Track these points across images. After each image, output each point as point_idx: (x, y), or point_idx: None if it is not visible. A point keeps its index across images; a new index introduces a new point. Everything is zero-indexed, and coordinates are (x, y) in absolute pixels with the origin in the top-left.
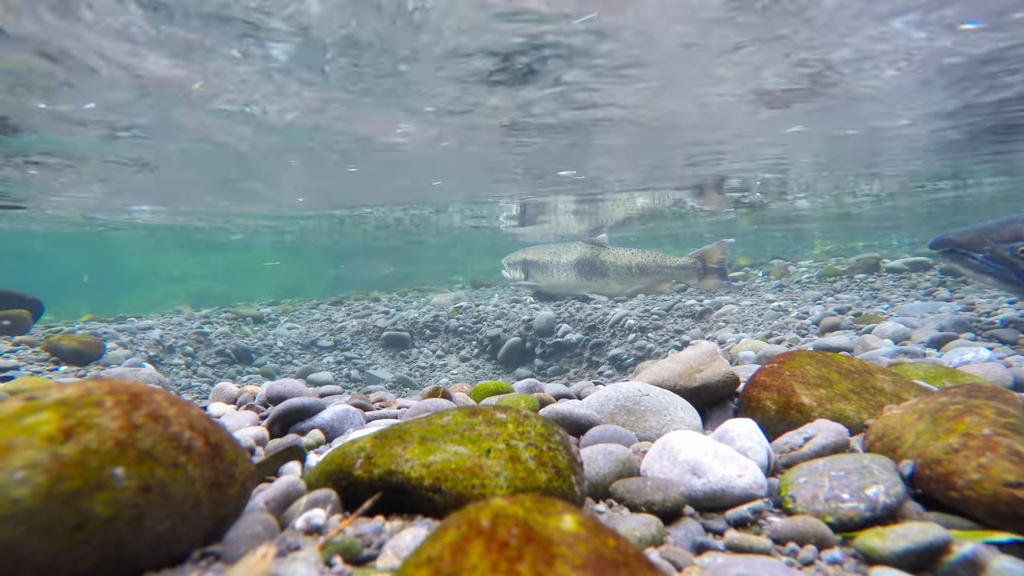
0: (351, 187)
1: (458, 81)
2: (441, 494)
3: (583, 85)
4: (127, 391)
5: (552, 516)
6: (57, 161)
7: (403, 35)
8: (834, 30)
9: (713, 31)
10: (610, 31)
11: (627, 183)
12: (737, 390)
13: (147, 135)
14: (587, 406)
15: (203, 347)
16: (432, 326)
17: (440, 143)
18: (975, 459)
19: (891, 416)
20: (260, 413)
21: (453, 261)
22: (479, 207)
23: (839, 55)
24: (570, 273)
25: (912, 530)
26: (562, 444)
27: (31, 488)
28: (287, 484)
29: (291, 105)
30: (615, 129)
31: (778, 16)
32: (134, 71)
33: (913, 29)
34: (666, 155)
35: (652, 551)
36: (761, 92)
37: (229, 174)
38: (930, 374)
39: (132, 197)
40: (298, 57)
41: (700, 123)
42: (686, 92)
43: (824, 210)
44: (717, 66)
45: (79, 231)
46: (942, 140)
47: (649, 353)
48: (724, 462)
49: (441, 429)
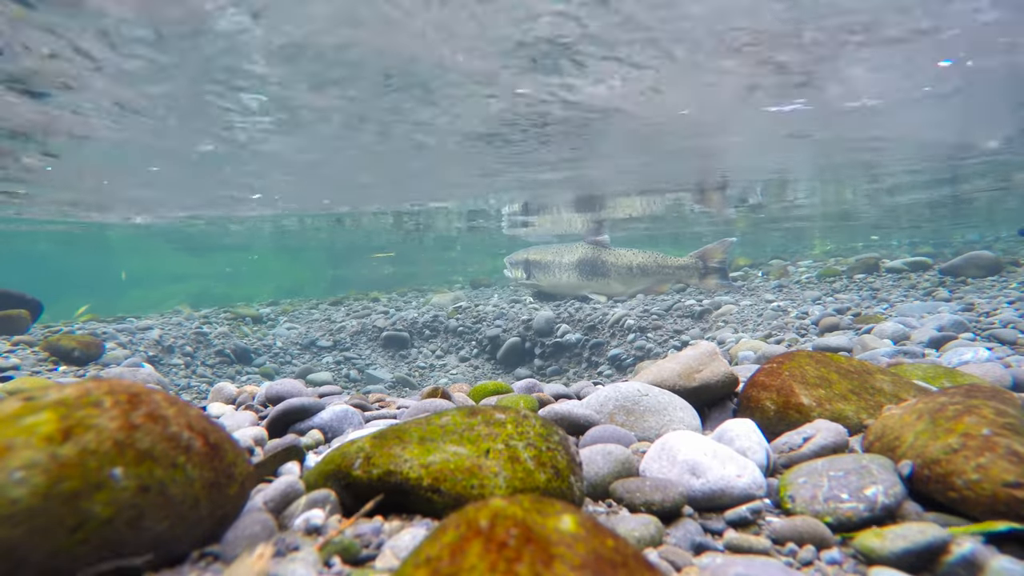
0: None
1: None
2: (440, 494)
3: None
4: (126, 391)
5: (551, 516)
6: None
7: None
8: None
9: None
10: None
11: (629, 184)
12: (736, 390)
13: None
14: (586, 406)
15: (202, 347)
16: (431, 326)
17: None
18: (974, 459)
19: (890, 416)
20: (259, 413)
21: (453, 261)
22: (479, 206)
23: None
24: (572, 273)
25: (911, 530)
26: (561, 444)
27: (30, 488)
28: (286, 484)
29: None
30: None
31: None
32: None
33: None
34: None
35: (651, 551)
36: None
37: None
38: (929, 374)
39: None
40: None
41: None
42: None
43: (824, 208)
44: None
45: (86, 231)
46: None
47: (648, 353)
48: (723, 462)
49: (440, 429)
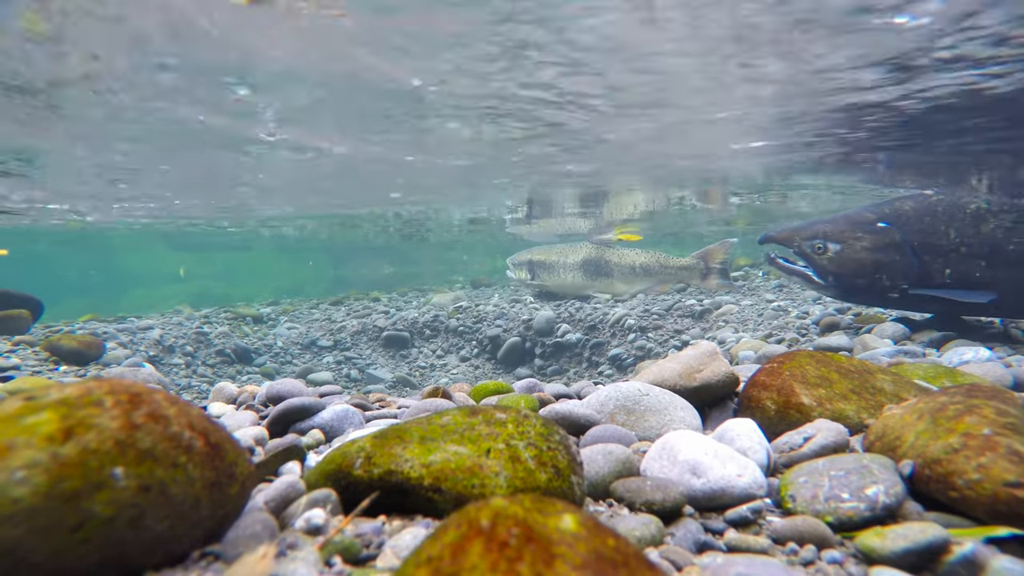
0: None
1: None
2: (441, 494)
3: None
4: (127, 391)
5: (552, 516)
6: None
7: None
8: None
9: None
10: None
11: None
12: (737, 390)
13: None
14: (587, 406)
15: (203, 347)
16: (432, 326)
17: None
18: (975, 459)
19: (891, 416)
20: (260, 413)
21: (453, 261)
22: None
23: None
24: (575, 273)
25: (912, 530)
26: (562, 444)
27: (31, 488)
28: (287, 484)
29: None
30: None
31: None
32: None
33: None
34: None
35: (652, 551)
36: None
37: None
38: (930, 374)
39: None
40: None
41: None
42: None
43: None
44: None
45: (85, 230)
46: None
47: (649, 353)
48: (724, 462)
49: (441, 429)
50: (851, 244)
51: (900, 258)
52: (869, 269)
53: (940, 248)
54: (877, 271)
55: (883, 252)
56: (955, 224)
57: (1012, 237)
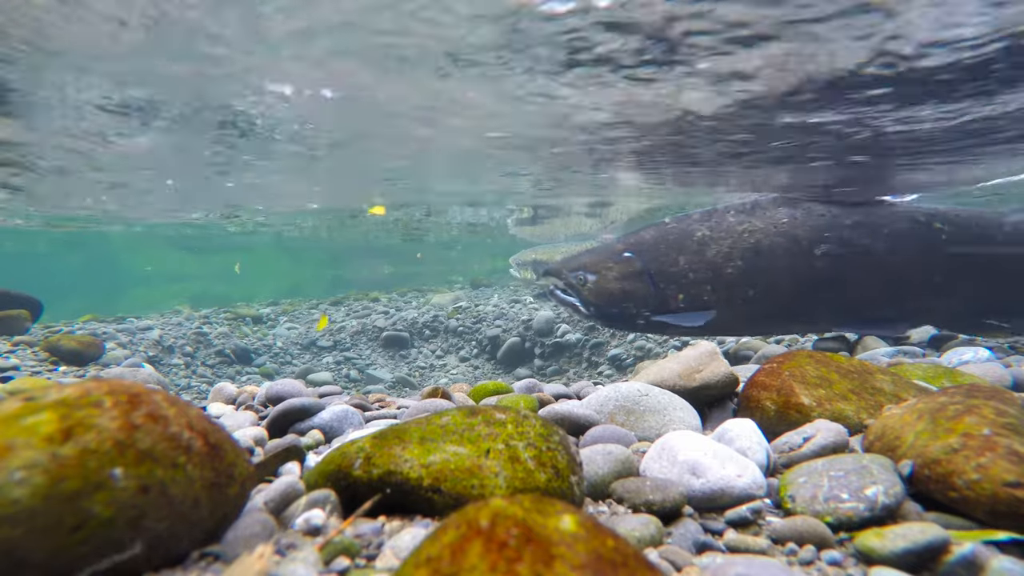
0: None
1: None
2: (440, 494)
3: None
4: (126, 391)
5: (551, 516)
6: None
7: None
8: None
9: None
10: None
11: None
12: (736, 390)
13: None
14: (586, 406)
15: (202, 347)
16: (432, 326)
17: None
18: (974, 459)
19: (890, 416)
20: (259, 413)
21: (453, 261)
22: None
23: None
24: None
25: (911, 530)
26: (561, 444)
27: (30, 488)
28: (286, 484)
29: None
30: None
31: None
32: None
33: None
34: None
35: (651, 551)
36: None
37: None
38: (929, 374)
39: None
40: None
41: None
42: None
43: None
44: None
45: (83, 229)
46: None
47: (648, 353)
48: (723, 462)
49: (440, 429)
50: (603, 275)
51: (641, 286)
52: (618, 298)
53: (672, 275)
54: (624, 299)
55: (627, 281)
56: (684, 251)
57: (728, 262)
